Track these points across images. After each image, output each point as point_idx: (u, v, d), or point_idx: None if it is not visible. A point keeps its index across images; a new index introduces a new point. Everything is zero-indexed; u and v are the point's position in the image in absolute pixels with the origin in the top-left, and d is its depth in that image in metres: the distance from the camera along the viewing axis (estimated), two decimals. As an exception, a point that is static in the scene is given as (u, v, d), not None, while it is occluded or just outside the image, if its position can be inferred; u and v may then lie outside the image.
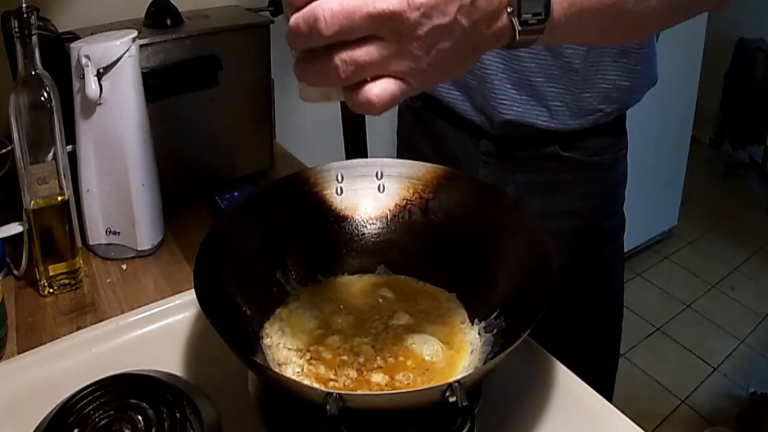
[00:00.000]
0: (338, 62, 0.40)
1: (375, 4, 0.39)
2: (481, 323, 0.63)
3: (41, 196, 0.74)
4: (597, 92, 0.77)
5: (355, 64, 0.40)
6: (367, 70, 0.41)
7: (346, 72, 0.40)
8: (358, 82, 0.42)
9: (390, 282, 0.69)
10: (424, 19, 0.39)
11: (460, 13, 0.40)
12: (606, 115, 0.79)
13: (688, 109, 2.43)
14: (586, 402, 0.61)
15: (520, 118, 0.78)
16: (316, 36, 0.40)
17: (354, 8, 0.39)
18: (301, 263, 0.69)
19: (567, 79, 0.76)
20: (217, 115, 0.98)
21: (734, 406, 1.90)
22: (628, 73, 0.76)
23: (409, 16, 0.39)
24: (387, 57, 0.40)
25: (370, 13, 0.39)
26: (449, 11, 0.40)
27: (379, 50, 0.40)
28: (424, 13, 0.39)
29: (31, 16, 0.68)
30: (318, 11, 0.39)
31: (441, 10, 0.40)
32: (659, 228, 2.61)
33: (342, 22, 0.39)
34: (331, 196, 0.71)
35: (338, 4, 0.39)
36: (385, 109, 0.42)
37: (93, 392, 0.56)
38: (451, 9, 0.40)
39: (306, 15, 0.40)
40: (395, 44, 0.40)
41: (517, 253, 0.62)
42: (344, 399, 0.45)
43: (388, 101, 0.42)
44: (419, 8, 0.39)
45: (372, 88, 0.41)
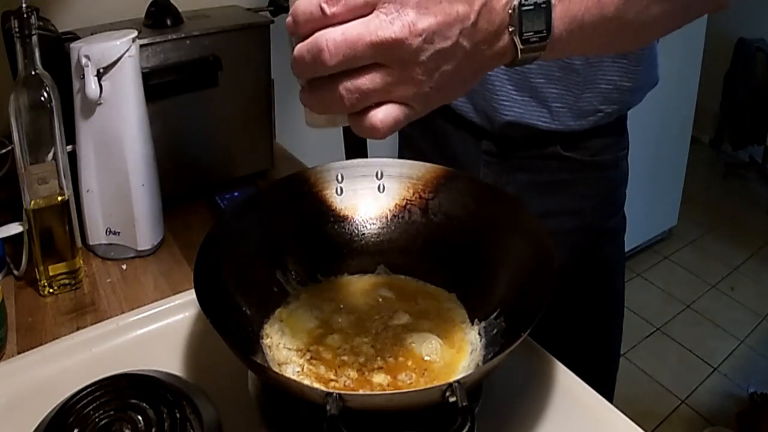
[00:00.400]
0: (343, 91, 0.41)
1: (377, 33, 0.39)
2: (481, 323, 0.63)
3: (41, 196, 0.74)
4: (598, 93, 0.77)
5: (360, 92, 0.41)
6: (371, 97, 0.41)
7: (350, 100, 0.41)
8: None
9: (390, 282, 0.69)
10: (426, 45, 0.40)
11: (461, 35, 0.40)
12: (607, 116, 0.79)
13: (688, 109, 2.43)
14: (586, 402, 0.61)
15: (521, 119, 0.79)
16: (321, 66, 0.40)
17: (356, 38, 0.39)
18: (301, 263, 0.69)
19: (568, 80, 0.76)
20: (217, 115, 0.98)
21: (734, 406, 1.90)
22: (628, 73, 0.76)
23: (411, 42, 0.39)
24: (390, 84, 0.41)
25: (372, 42, 0.39)
26: (451, 35, 0.40)
27: (382, 77, 0.40)
28: (426, 39, 0.39)
29: (31, 16, 0.68)
30: (321, 42, 0.39)
31: (443, 35, 0.40)
32: (659, 228, 2.61)
33: (345, 51, 0.39)
34: (331, 196, 0.71)
35: (341, 34, 0.39)
36: (390, 134, 0.43)
37: (93, 392, 0.56)
38: (452, 32, 0.40)
39: (310, 46, 0.40)
40: (398, 71, 0.40)
41: (517, 253, 0.62)
42: (344, 399, 0.45)
43: (392, 126, 0.42)
44: (421, 34, 0.39)
45: (376, 114, 0.42)
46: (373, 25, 0.39)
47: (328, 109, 0.43)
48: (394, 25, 0.39)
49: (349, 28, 0.39)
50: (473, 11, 0.40)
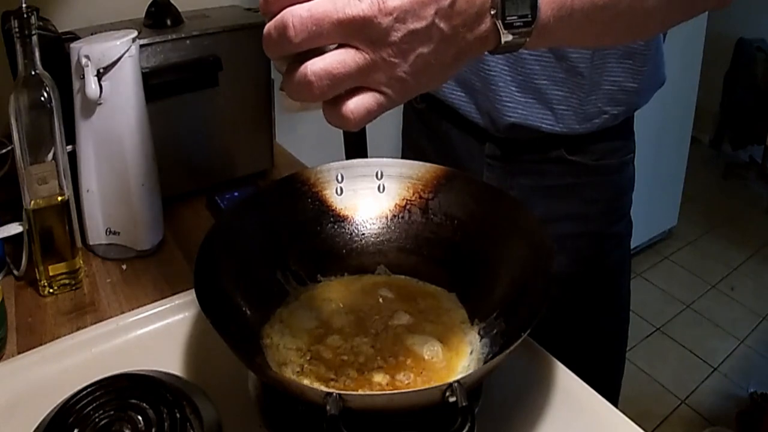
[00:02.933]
0: (312, 76, 0.39)
1: (345, 10, 0.37)
2: (481, 323, 0.63)
3: (41, 196, 0.74)
4: (603, 94, 0.75)
5: (329, 77, 0.38)
6: (342, 82, 0.39)
7: (320, 87, 0.39)
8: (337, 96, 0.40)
9: (390, 282, 0.69)
10: (398, 24, 0.38)
11: (437, 16, 0.38)
12: (613, 118, 0.77)
13: (688, 109, 2.43)
14: (586, 402, 0.61)
15: (525, 121, 0.78)
16: (286, 43, 0.38)
17: (323, 14, 0.37)
18: (301, 263, 0.69)
19: (572, 82, 0.75)
20: (217, 115, 0.98)
21: (734, 406, 1.90)
22: (634, 74, 0.75)
23: (380, 21, 0.37)
24: (362, 67, 0.39)
25: (339, 20, 0.37)
26: (425, 15, 0.38)
27: (353, 60, 0.38)
28: (398, 18, 0.37)
29: (31, 16, 0.68)
30: (287, 18, 0.38)
31: (416, 14, 0.38)
32: (659, 228, 2.61)
33: (310, 28, 0.37)
34: (331, 196, 0.71)
35: (306, 10, 0.37)
36: (362, 125, 0.41)
37: (93, 392, 0.56)
38: (427, 12, 0.38)
39: (276, 22, 0.39)
40: (369, 53, 0.38)
41: (517, 253, 0.62)
42: (344, 399, 0.45)
43: (364, 116, 0.40)
44: (391, 13, 0.37)
45: (347, 104, 0.40)
46: (341, 2, 0.37)
47: (300, 96, 0.40)
48: (363, 3, 0.37)
49: (315, 4, 0.38)
50: None
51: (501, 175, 0.83)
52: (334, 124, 0.41)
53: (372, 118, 0.41)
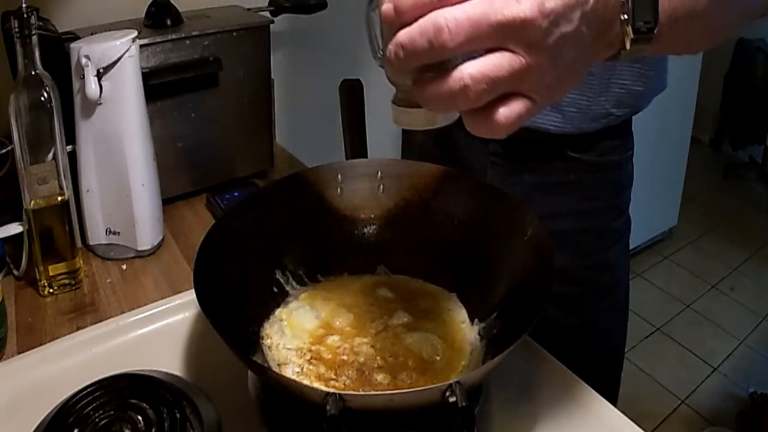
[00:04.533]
0: (468, 80, 0.36)
1: (503, 12, 0.35)
2: (481, 323, 0.63)
3: (41, 196, 0.74)
4: (611, 96, 0.76)
5: (487, 81, 0.36)
6: (499, 87, 0.37)
7: (476, 92, 0.36)
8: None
9: (390, 282, 0.69)
10: (553, 27, 0.36)
11: (581, 20, 0.37)
12: (616, 119, 0.78)
13: (688, 109, 2.43)
14: (586, 402, 0.61)
15: (533, 124, 0.77)
16: (438, 49, 0.36)
17: (481, 16, 0.35)
18: (301, 263, 0.69)
19: (584, 83, 0.75)
20: (217, 115, 0.98)
21: (734, 406, 1.89)
22: (641, 77, 0.75)
23: (540, 24, 0.35)
24: (517, 72, 0.36)
25: (499, 22, 0.35)
26: (574, 18, 0.37)
27: (510, 63, 0.36)
28: (553, 21, 0.36)
29: (31, 16, 0.68)
30: (440, 21, 0.35)
31: (567, 17, 0.36)
32: (659, 228, 2.61)
33: (468, 31, 0.35)
34: (331, 196, 0.71)
35: (462, 12, 0.35)
36: (510, 132, 0.39)
37: (93, 392, 0.56)
38: (575, 16, 0.37)
39: (424, 28, 0.36)
40: (525, 56, 0.36)
41: (517, 253, 0.62)
42: (344, 399, 0.45)
43: (515, 124, 0.38)
44: (549, 15, 0.36)
45: (500, 110, 0.37)
46: (498, 4, 0.35)
47: (448, 104, 0.38)
48: (522, 4, 0.35)
49: (470, 6, 0.35)
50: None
51: (505, 172, 0.84)
52: (481, 132, 0.39)
53: (520, 125, 0.39)
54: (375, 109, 0.88)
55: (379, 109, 0.55)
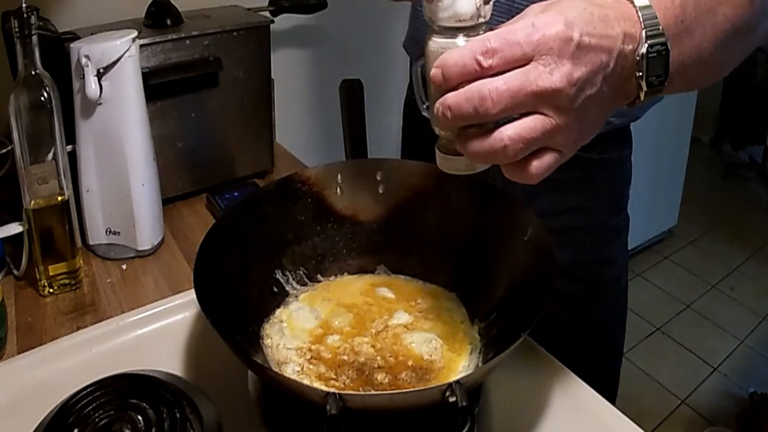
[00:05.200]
0: (508, 141, 0.42)
1: (537, 83, 0.41)
2: (481, 323, 0.63)
3: (41, 196, 0.74)
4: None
5: (524, 141, 0.42)
6: (533, 145, 0.43)
7: (514, 150, 0.43)
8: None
9: (390, 282, 0.69)
10: (580, 93, 0.42)
11: (604, 82, 0.43)
12: (613, 126, 0.81)
13: (688, 109, 2.43)
14: (586, 402, 0.61)
15: None
16: (483, 114, 0.42)
17: (518, 87, 0.41)
18: (301, 263, 0.69)
19: None
20: (217, 115, 0.98)
21: (734, 406, 1.89)
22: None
23: (569, 92, 0.41)
24: (549, 131, 0.43)
25: (534, 92, 0.41)
26: (597, 81, 0.43)
27: (543, 125, 0.42)
28: (580, 87, 0.42)
29: (31, 16, 0.68)
30: (484, 91, 0.41)
31: (591, 82, 0.42)
32: (659, 228, 2.61)
33: (507, 100, 0.41)
34: (331, 196, 0.71)
35: (503, 83, 0.41)
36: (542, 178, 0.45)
37: (93, 392, 0.56)
38: (597, 79, 0.43)
39: (470, 95, 0.42)
40: (556, 118, 0.42)
41: (517, 253, 0.62)
42: (344, 399, 0.45)
43: (545, 173, 0.45)
44: (576, 83, 0.42)
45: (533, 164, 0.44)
46: (533, 75, 0.41)
47: (490, 159, 0.45)
48: (554, 76, 0.41)
49: (510, 78, 0.41)
50: (612, 58, 0.43)
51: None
52: (514, 179, 0.46)
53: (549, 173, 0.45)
54: (375, 109, 0.88)
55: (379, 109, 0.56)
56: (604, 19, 0.43)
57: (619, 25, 0.43)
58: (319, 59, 1.38)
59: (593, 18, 0.42)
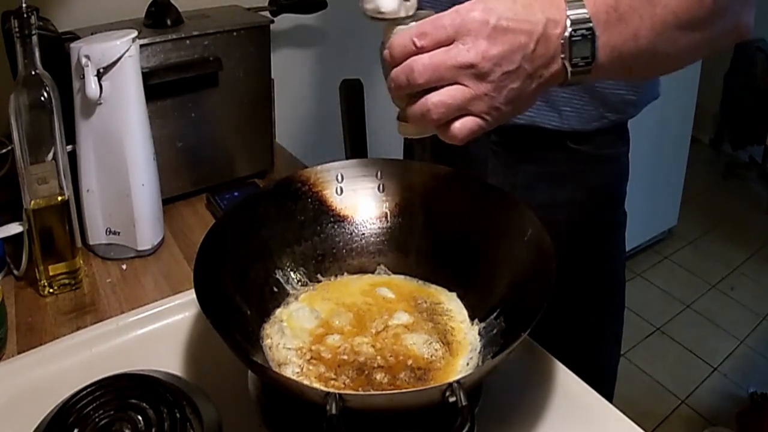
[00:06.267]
0: (431, 105, 0.50)
1: (457, 59, 0.49)
2: (481, 323, 0.63)
3: (41, 196, 0.74)
4: (605, 102, 0.79)
5: (444, 105, 0.50)
6: (453, 109, 0.50)
7: (437, 113, 0.50)
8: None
9: (390, 282, 0.69)
10: (495, 67, 0.49)
11: (524, 60, 0.49)
12: (610, 122, 0.82)
13: (688, 109, 2.43)
14: (586, 402, 0.61)
15: (532, 122, 0.81)
16: (413, 84, 0.50)
17: (440, 61, 0.49)
18: (301, 263, 0.69)
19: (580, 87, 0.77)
20: (217, 115, 0.98)
21: (734, 406, 1.89)
22: (634, 87, 0.80)
23: (483, 65, 0.49)
24: (467, 99, 0.50)
25: (453, 65, 0.49)
26: (515, 59, 0.49)
27: (461, 93, 0.50)
28: (495, 63, 0.49)
29: (31, 16, 0.68)
30: (413, 65, 0.50)
31: (509, 59, 0.49)
32: (659, 228, 2.61)
33: (431, 72, 0.49)
34: (331, 196, 0.71)
35: (428, 59, 0.49)
36: (467, 140, 0.52)
37: (93, 392, 0.56)
38: (516, 57, 0.49)
39: (403, 68, 0.50)
40: (474, 88, 0.49)
41: (517, 253, 0.62)
42: (344, 399, 0.45)
43: (468, 134, 0.51)
44: (491, 59, 0.49)
45: (455, 124, 0.51)
46: (453, 52, 0.49)
47: (422, 122, 0.52)
48: (470, 53, 0.49)
49: (434, 54, 0.49)
50: (533, 40, 0.49)
51: (506, 163, 0.86)
52: (446, 140, 0.52)
53: (473, 136, 0.52)
54: (375, 109, 0.88)
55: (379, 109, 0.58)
56: (527, 6, 0.50)
57: (543, 13, 0.49)
58: (319, 59, 1.38)
59: (515, 5, 0.49)
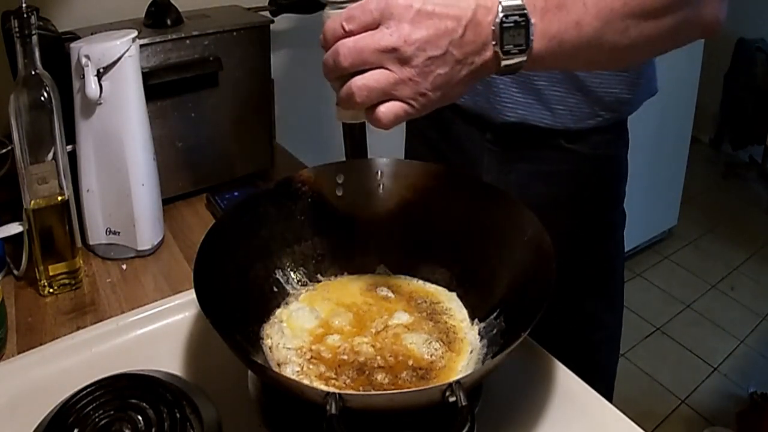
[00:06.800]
0: (354, 88, 0.50)
1: (380, 42, 0.49)
2: (481, 323, 0.63)
3: (41, 196, 0.74)
4: (599, 100, 0.79)
5: (367, 89, 0.50)
6: (377, 93, 0.50)
7: (361, 96, 0.50)
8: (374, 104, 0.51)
9: (390, 282, 0.69)
10: (419, 52, 0.49)
11: (451, 45, 0.49)
12: (605, 121, 0.81)
13: (688, 109, 2.42)
14: (586, 402, 0.61)
15: (524, 120, 0.80)
16: (339, 67, 0.51)
17: (364, 45, 0.49)
18: (301, 263, 0.69)
19: (569, 84, 0.78)
20: (217, 115, 0.98)
21: (734, 406, 1.89)
22: (629, 86, 0.79)
23: (405, 49, 0.49)
24: (392, 83, 0.50)
25: (377, 49, 0.49)
26: (442, 44, 0.49)
27: (385, 77, 0.50)
28: (419, 47, 0.49)
29: (31, 16, 0.68)
30: (339, 49, 0.50)
31: (434, 44, 0.49)
32: (659, 228, 2.61)
33: (355, 56, 0.50)
34: (331, 196, 0.71)
35: (353, 42, 0.50)
36: (393, 125, 0.52)
37: (93, 392, 0.56)
38: (443, 42, 0.49)
39: (331, 52, 0.51)
40: (398, 72, 0.50)
41: (517, 252, 0.62)
42: (344, 399, 0.45)
43: (392, 119, 0.51)
44: (414, 43, 0.49)
45: (379, 108, 0.51)
46: (377, 36, 0.49)
47: (348, 104, 0.52)
48: (393, 36, 0.49)
49: (359, 38, 0.50)
50: (461, 26, 0.49)
51: (500, 161, 0.86)
52: (372, 125, 0.52)
53: (399, 121, 0.52)
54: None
55: None
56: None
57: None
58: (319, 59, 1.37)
59: None
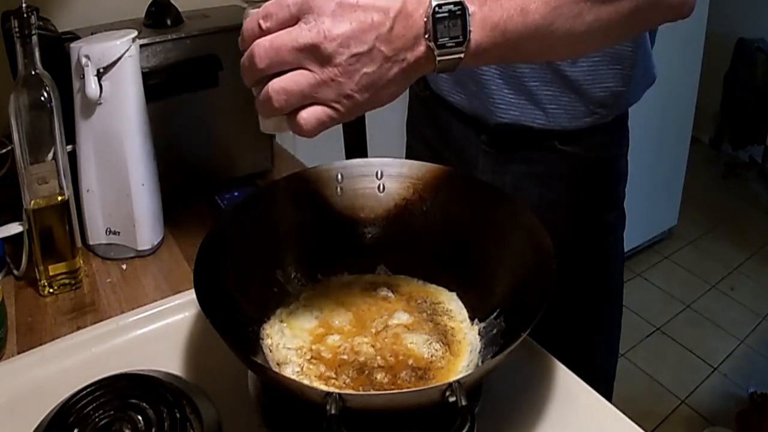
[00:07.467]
0: (272, 92, 0.46)
1: (297, 40, 0.45)
2: (481, 323, 0.63)
3: (41, 196, 0.74)
4: (593, 97, 0.77)
5: (285, 92, 0.46)
6: (297, 97, 0.46)
7: (278, 101, 0.46)
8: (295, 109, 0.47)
9: (390, 282, 0.69)
10: (341, 49, 0.44)
11: (378, 41, 0.45)
12: (603, 117, 0.79)
13: (688, 109, 2.43)
14: (586, 402, 0.61)
15: (518, 121, 0.80)
16: (255, 69, 0.47)
17: (280, 44, 0.45)
18: (301, 263, 0.69)
19: (561, 83, 0.77)
20: (217, 115, 0.98)
21: (734, 406, 1.90)
22: (623, 78, 0.77)
23: (326, 46, 0.44)
24: (312, 85, 0.45)
25: (294, 47, 0.45)
26: (367, 39, 0.45)
27: (305, 78, 0.45)
28: (341, 43, 0.44)
29: (31, 16, 0.68)
30: (254, 49, 0.46)
31: (358, 39, 0.44)
32: (659, 228, 2.61)
33: (271, 56, 0.46)
34: (331, 196, 0.71)
35: (269, 42, 0.46)
36: (315, 133, 0.47)
37: (93, 392, 0.56)
38: (368, 37, 0.45)
39: (248, 54, 0.47)
40: (319, 73, 0.45)
41: (517, 252, 0.62)
42: (344, 399, 0.45)
43: (315, 125, 0.47)
44: (335, 39, 0.44)
45: (300, 114, 0.47)
46: (294, 33, 0.45)
47: (265, 111, 0.48)
48: (311, 32, 0.44)
49: (276, 36, 0.46)
50: (388, 19, 0.45)
51: (496, 162, 0.85)
52: (295, 132, 0.48)
53: (324, 127, 0.47)
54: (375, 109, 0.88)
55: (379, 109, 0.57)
56: None
57: None
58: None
59: None
